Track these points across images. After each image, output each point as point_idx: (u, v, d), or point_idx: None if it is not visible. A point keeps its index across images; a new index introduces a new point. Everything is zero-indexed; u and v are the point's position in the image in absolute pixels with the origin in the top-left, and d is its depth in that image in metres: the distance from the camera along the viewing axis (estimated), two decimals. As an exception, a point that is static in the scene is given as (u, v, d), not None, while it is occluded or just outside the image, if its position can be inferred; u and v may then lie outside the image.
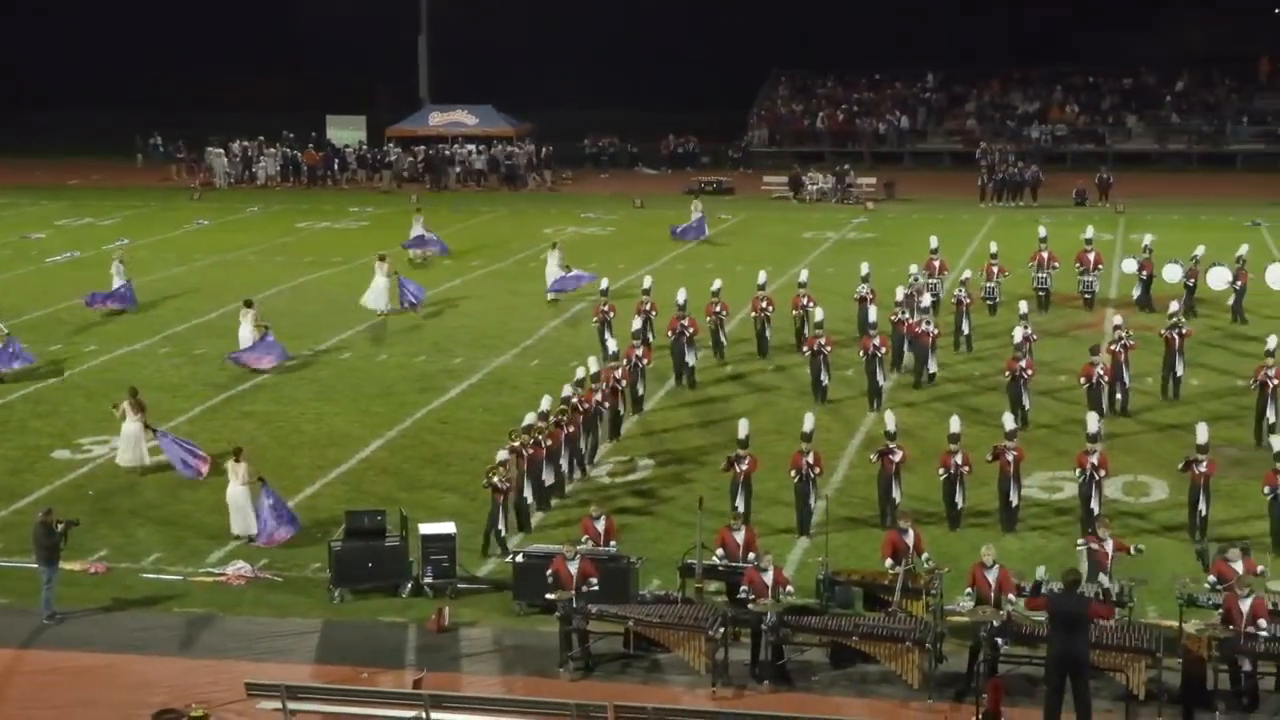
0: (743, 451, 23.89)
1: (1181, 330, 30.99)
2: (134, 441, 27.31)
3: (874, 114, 78.07)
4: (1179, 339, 30.83)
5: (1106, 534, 20.24)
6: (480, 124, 75.26)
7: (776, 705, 18.02)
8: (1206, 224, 47.81)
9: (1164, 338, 31.07)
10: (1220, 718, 17.63)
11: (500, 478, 23.14)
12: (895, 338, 33.16)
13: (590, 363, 28.98)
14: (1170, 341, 30.86)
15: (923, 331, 32.27)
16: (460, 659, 19.74)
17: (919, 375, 32.34)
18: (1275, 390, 27.53)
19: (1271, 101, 75.55)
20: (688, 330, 32.58)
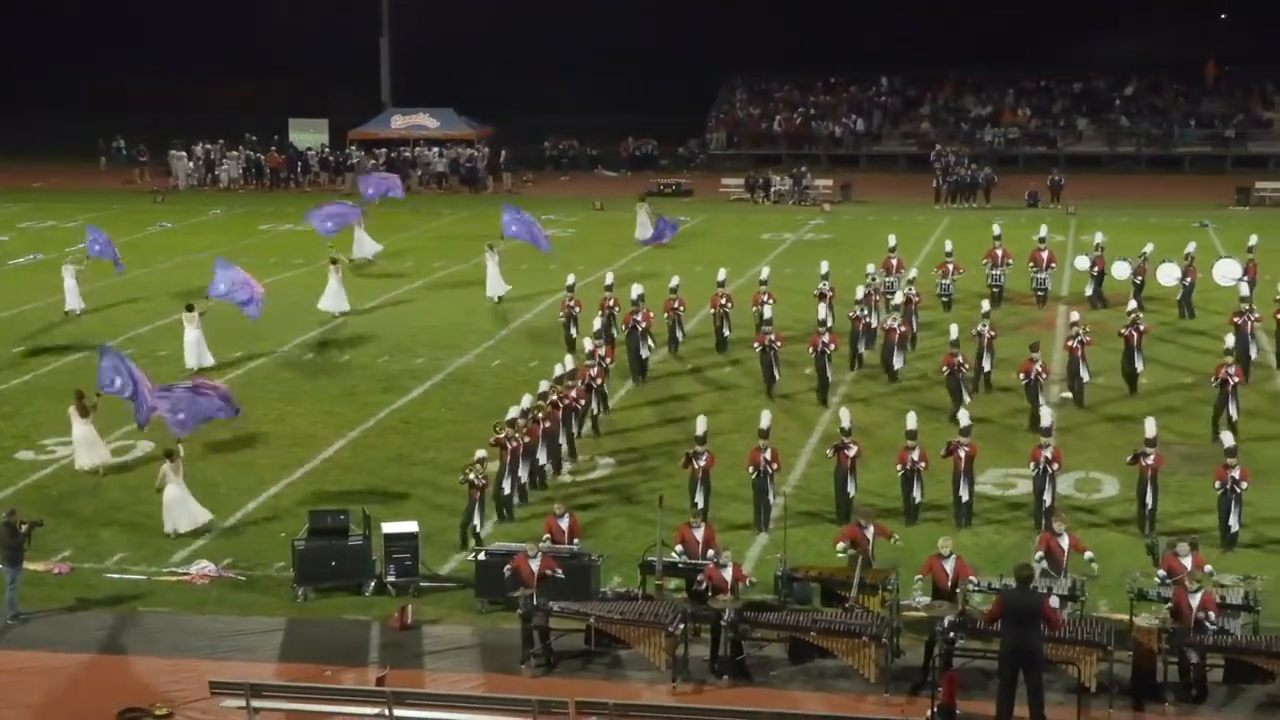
0: (700, 448, 23.94)
1: (1139, 327, 31.30)
2: (88, 444, 27.17)
3: (830, 117, 78.27)
4: (1137, 335, 31.15)
5: (1062, 528, 20.34)
6: (441, 127, 75.22)
7: (736, 700, 18.03)
8: (1155, 225, 48.08)
9: (1123, 335, 31.38)
10: (1170, 709, 17.74)
11: (477, 474, 23.23)
12: (853, 335, 33.33)
13: (568, 360, 29.06)
14: (1129, 339, 31.16)
15: (891, 329, 32.44)
16: (423, 656, 19.69)
17: (890, 372, 32.44)
18: (1235, 388, 27.78)
19: (1218, 105, 76.11)
20: (641, 325, 32.78)
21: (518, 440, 24.66)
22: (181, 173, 70.49)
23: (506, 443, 24.40)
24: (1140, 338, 31.26)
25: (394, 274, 45.91)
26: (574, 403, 27.70)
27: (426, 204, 64.05)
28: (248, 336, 37.34)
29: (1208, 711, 17.79)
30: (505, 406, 30.78)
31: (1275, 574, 21.12)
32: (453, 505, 25.16)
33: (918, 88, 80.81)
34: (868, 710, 17.84)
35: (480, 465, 23.42)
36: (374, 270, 46.90)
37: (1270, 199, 60.60)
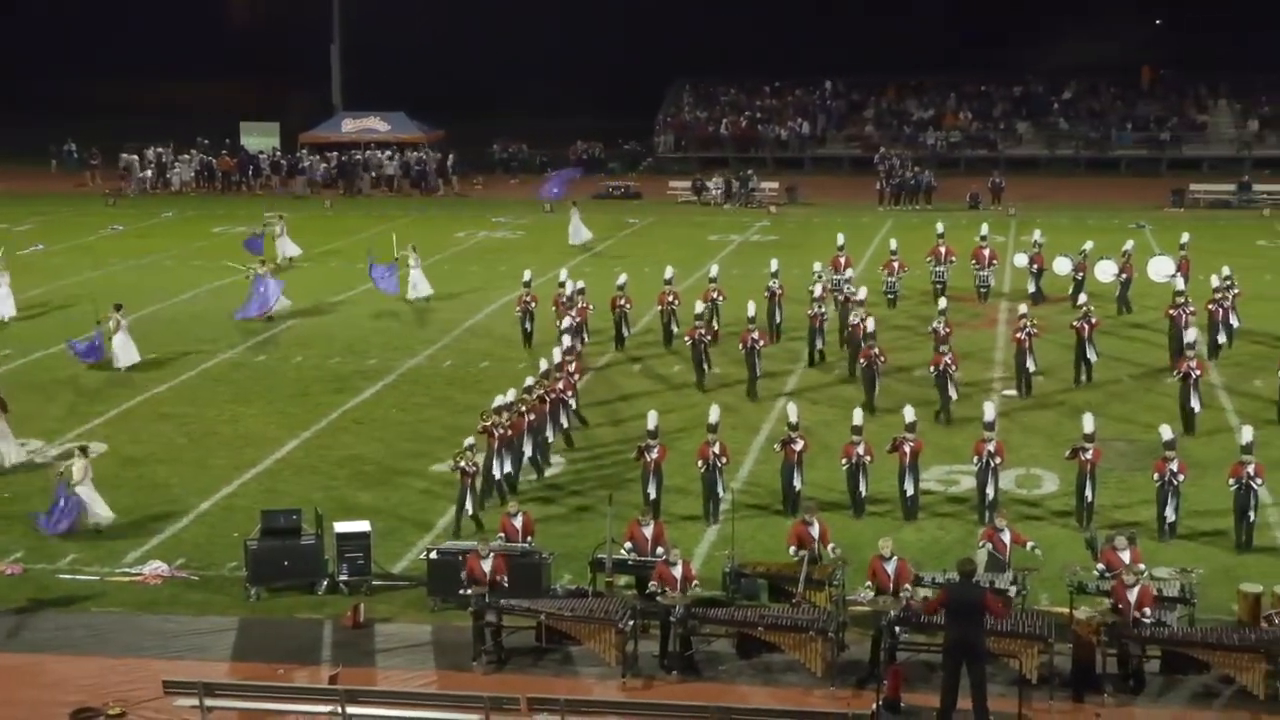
0: (652, 441, 24.11)
1: (1091, 320, 31.93)
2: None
3: (776, 120, 78.46)
4: (1089, 328, 31.76)
5: (1004, 524, 20.46)
6: (392, 130, 74.97)
7: (685, 695, 18.05)
8: (1094, 226, 48.37)
9: (1074, 328, 31.99)
10: (1109, 700, 17.87)
11: (467, 461, 23.49)
12: (811, 332, 33.83)
13: (554, 353, 29.18)
14: (1080, 330, 31.75)
15: (856, 325, 32.63)
16: (375, 654, 19.59)
17: (853, 368, 32.47)
18: (1197, 381, 28.26)
19: (1153, 109, 76.72)
20: (576, 319, 33.19)
21: (504, 428, 24.84)
22: (133, 176, 69.83)
23: (494, 429, 24.64)
24: (1091, 330, 31.86)
25: (346, 276, 45.65)
26: (561, 395, 27.80)
27: (378, 207, 63.87)
28: (200, 338, 37.12)
29: (1145, 702, 17.93)
30: (458, 406, 30.99)
31: (1210, 566, 21.34)
32: (404, 504, 25.15)
33: (861, 92, 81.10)
34: (814, 704, 17.87)
35: (469, 452, 23.62)
36: (328, 272, 46.67)
37: (1204, 200, 61.19)
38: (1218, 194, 62.01)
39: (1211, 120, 75.28)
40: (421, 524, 24.18)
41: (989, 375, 32.85)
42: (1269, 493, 24.18)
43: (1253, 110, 75.03)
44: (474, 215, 59.87)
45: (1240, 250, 40.24)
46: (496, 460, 24.83)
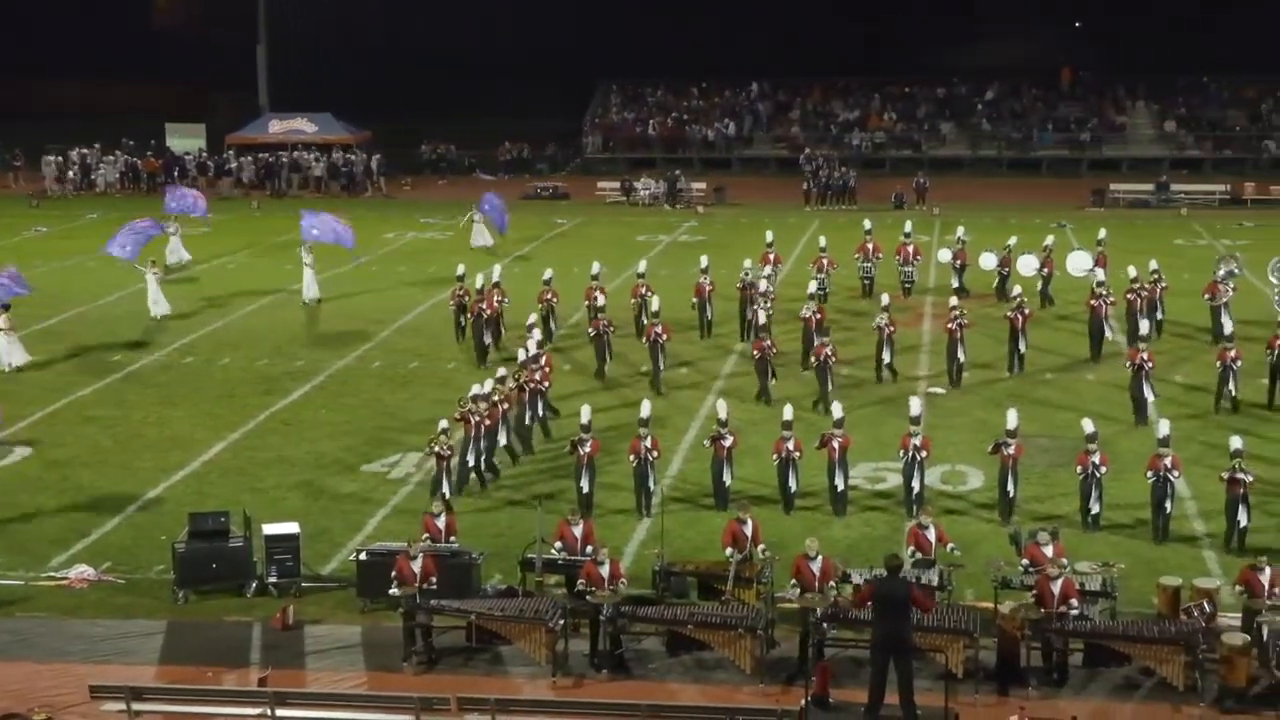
0: (585, 435, 24.26)
1: (1024, 311, 32.64)
2: None
3: (703, 121, 78.63)
4: (1022, 319, 32.45)
5: (929, 521, 20.61)
6: (319, 131, 74.39)
7: (615, 693, 18.05)
8: (1016, 226, 48.68)
9: (1009, 318, 32.69)
10: (1033, 693, 18.04)
11: (441, 445, 24.05)
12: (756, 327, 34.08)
13: (530, 345, 29.54)
14: (1014, 321, 32.43)
15: (808, 318, 33.10)
16: (305, 656, 19.46)
17: (805, 360, 32.80)
18: (1149, 372, 28.84)
19: (1073, 110, 77.50)
20: (486, 312, 34.02)
21: (481, 416, 25.32)
22: (53, 176, 68.79)
23: (469, 416, 25.17)
24: (1025, 320, 32.63)
25: (273, 277, 45.31)
26: (538, 385, 28.08)
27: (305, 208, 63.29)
28: (126, 340, 36.74)
29: (1069, 694, 18.10)
30: (387, 406, 30.86)
31: (1132, 559, 21.59)
32: (333, 505, 25.00)
33: (787, 93, 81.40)
34: (743, 700, 17.93)
35: (443, 436, 24.21)
36: (255, 273, 46.29)
37: (1124, 200, 61.92)
38: (1137, 194, 62.80)
39: (1130, 121, 76.17)
40: (351, 525, 24.05)
41: (915, 371, 33.09)
42: (1186, 485, 24.58)
43: (1170, 112, 75.97)
44: (402, 216, 59.58)
45: (1159, 249, 40.83)
46: (473, 448, 25.27)
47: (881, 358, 31.96)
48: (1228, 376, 29.25)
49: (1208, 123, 74.86)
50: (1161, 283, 35.83)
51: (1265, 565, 18.90)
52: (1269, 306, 36.68)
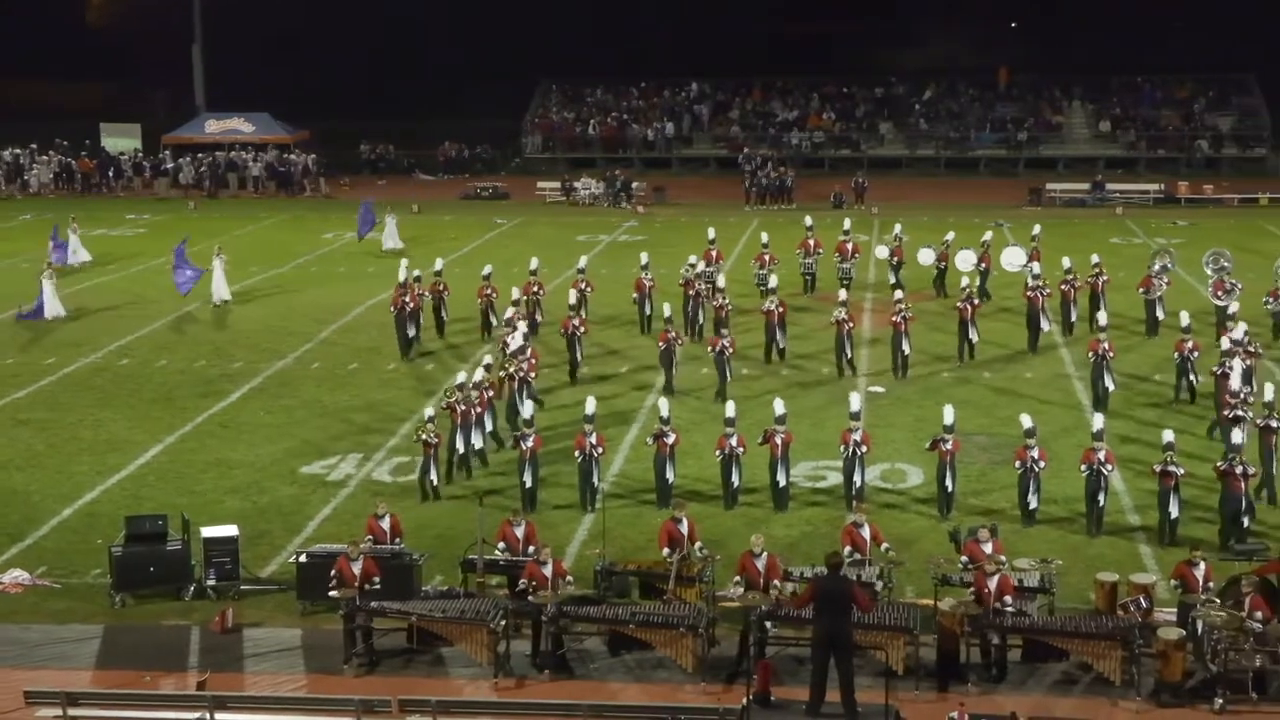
0: (528, 430, 24.44)
1: (973, 302, 33.51)
2: None
3: (643, 121, 78.68)
4: (970, 309, 33.30)
5: (864, 519, 20.69)
6: (257, 131, 73.94)
7: (557, 693, 18.05)
8: (954, 225, 48.92)
9: (958, 309, 33.50)
10: (972, 689, 18.16)
11: (429, 433, 24.62)
12: (716, 322, 34.42)
13: (516, 337, 30.06)
14: (963, 312, 33.29)
15: (769, 311, 33.57)
16: (244, 659, 19.31)
17: (769, 353, 33.66)
18: (1109, 361, 29.63)
19: (1010, 110, 78.08)
20: (410, 306, 34.81)
21: (467, 405, 25.86)
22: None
23: (456, 405, 25.74)
24: (974, 311, 33.45)
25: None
26: (526, 375, 28.65)
27: (243, 208, 63.06)
28: (59, 344, 36.36)
29: (1008, 690, 18.22)
30: (326, 408, 30.70)
31: (1070, 554, 21.79)
32: (273, 508, 24.85)
33: (727, 93, 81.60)
34: (685, 699, 17.95)
35: (431, 424, 24.77)
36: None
37: (1060, 199, 62.46)
38: (1073, 193, 63.39)
39: (1066, 121, 76.82)
40: (291, 527, 23.91)
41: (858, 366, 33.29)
42: (1120, 478, 25.01)
43: (1105, 112, 76.69)
44: (342, 217, 59.10)
45: (1095, 248, 41.14)
46: (461, 436, 25.78)
47: (843, 352, 32.42)
48: (1186, 368, 29.85)
49: (1142, 123, 75.63)
50: (1103, 276, 36.52)
51: (1200, 560, 19.11)
52: (1200, 301, 37.27)
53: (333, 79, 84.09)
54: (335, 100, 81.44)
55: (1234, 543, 21.87)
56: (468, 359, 34.58)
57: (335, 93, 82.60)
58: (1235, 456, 22.62)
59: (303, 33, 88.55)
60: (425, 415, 25.33)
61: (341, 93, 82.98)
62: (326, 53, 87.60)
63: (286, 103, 76.32)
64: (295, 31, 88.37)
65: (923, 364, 33.45)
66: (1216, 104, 76.28)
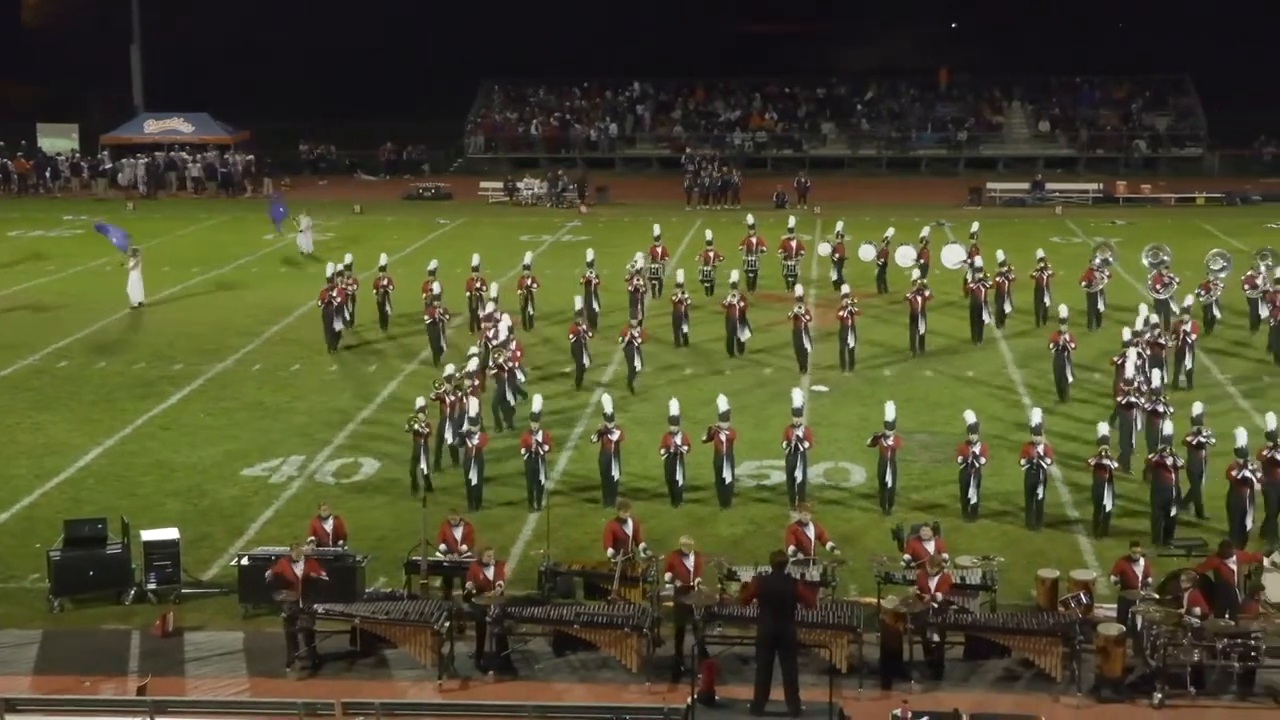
0: (473, 428, 24.46)
1: (924, 294, 34.57)
2: None
3: (586, 121, 78.63)
4: (921, 300, 34.38)
5: (809, 518, 20.76)
6: (196, 131, 73.39)
7: (502, 695, 18.03)
8: (896, 224, 49.27)
9: (908, 300, 34.77)
10: (915, 687, 18.25)
11: (420, 423, 24.92)
12: (675, 317, 35.50)
13: (500, 329, 30.64)
14: (913, 304, 34.41)
15: (730, 304, 34.29)
16: (185, 663, 19.16)
17: (731, 346, 34.40)
18: (1071, 353, 30.40)
19: (951, 110, 78.56)
20: (336, 300, 35.68)
21: (457, 395, 26.29)
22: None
23: (445, 396, 26.28)
24: (924, 303, 34.51)
25: (150, 280, 44.55)
26: (511, 367, 29.21)
27: (183, 209, 62.59)
28: None
29: (950, 687, 18.33)
30: (268, 409, 30.51)
31: (1011, 551, 21.93)
32: (214, 510, 24.67)
33: (669, 93, 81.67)
34: (630, 699, 17.96)
35: (421, 414, 25.11)
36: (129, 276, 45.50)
37: (1001, 199, 62.90)
38: (1013, 193, 63.87)
39: (1006, 122, 77.36)
40: (232, 530, 23.75)
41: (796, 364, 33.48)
42: (1059, 471, 25.36)
43: (1045, 112, 77.28)
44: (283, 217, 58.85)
45: (1036, 246, 41.49)
46: (451, 425, 26.18)
47: (803, 346, 32.92)
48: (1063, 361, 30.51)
49: (1081, 123, 76.28)
50: (1047, 270, 37.39)
51: (1139, 556, 19.28)
52: (1139, 295, 37.81)
53: (273, 79, 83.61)
54: (276, 100, 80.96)
55: (1173, 540, 22.12)
56: (412, 356, 34.56)
57: (276, 93, 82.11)
58: (1165, 448, 23.00)
59: (243, 32, 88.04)
60: (416, 405, 25.55)
61: (282, 93, 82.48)
62: (267, 52, 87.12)
63: (226, 103, 75.80)
64: (235, 31, 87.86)
65: (867, 359, 33.79)
66: (1153, 104, 77.05)
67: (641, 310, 35.70)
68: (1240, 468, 22.41)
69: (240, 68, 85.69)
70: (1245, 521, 22.39)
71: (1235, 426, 24.01)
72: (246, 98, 79.08)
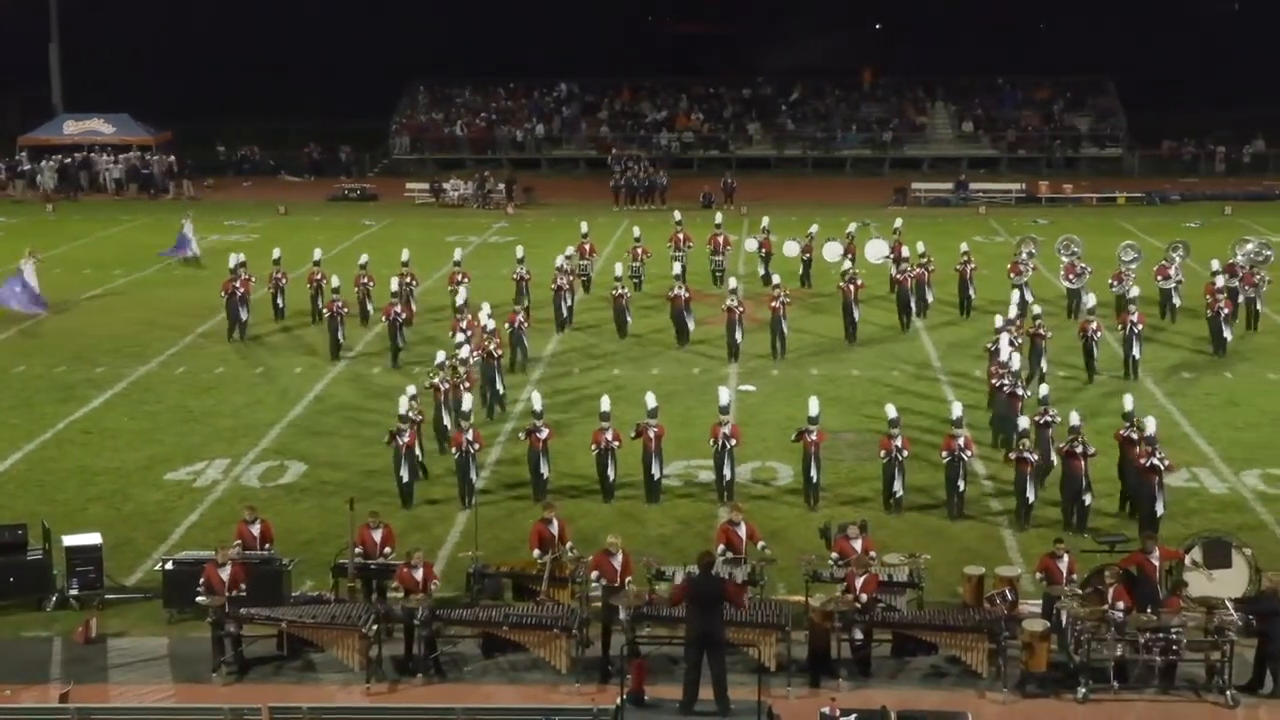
0: (403, 425, 24.52)
1: (856, 283, 35.83)
2: None
3: (512, 122, 78.48)
4: (854, 289, 35.67)
5: (740, 518, 20.82)
6: (117, 132, 72.49)
7: (430, 697, 17.98)
8: (822, 223, 49.57)
9: (841, 289, 36.01)
10: (843, 684, 18.36)
11: (413, 411, 25.00)
12: (617, 311, 36.26)
13: (480, 317, 31.25)
14: (846, 293, 35.69)
15: (675, 296, 35.18)
16: (109, 670, 18.96)
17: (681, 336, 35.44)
18: (1047, 344, 31.43)
19: (875, 111, 79.03)
20: (240, 291, 36.70)
21: (450, 383, 27.03)
22: None
23: (440, 385, 26.97)
24: (857, 291, 35.77)
25: (70, 283, 44.09)
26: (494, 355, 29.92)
27: (104, 211, 61.87)
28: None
29: (878, 684, 18.47)
30: (192, 412, 30.23)
31: (936, 547, 22.10)
32: (138, 515, 24.43)
33: (595, 93, 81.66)
34: (559, 700, 17.96)
35: (414, 402, 25.25)
36: (51, 279, 44.88)
37: (925, 199, 63.38)
38: (937, 192, 64.36)
39: (930, 122, 77.96)
40: (156, 535, 23.51)
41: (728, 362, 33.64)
42: (980, 464, 25.82)
43: (967, 113, 77.93)
44: (206, 219, 58.10)
45: (958, 245, 41.87)
46: (446, 413, 26.84)
47: (734, 339, 33.68)
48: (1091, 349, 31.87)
49: (1003, 123, 76.99)
50: (971, 264, 38.41)
51: (1063, 552, 19.49)
52: (1056, 287, 38.86)
53: (195, 79, 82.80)
54: (198, 101, 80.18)
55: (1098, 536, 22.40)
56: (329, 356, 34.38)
57: (198, 93, 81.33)
58: (1075, 437, 23.44)
59: (165, 32, 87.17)
60: (408, 393, 25.57)
61: (204, 93, 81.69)
62: (189, 52, 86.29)
63: (147, 103, 74.98)
64: (157, 30, 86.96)
65: (796, 349, 34.64)
66: (1074, 105, 77.89)
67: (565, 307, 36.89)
68: (1149, 455, 22.90)
69: (161, 67, 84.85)
70: (1155, 507, 22.84)
71: (1145, 414, 24.58)
72: (168, 98, 78.24)
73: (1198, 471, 26.13)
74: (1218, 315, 34.34)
